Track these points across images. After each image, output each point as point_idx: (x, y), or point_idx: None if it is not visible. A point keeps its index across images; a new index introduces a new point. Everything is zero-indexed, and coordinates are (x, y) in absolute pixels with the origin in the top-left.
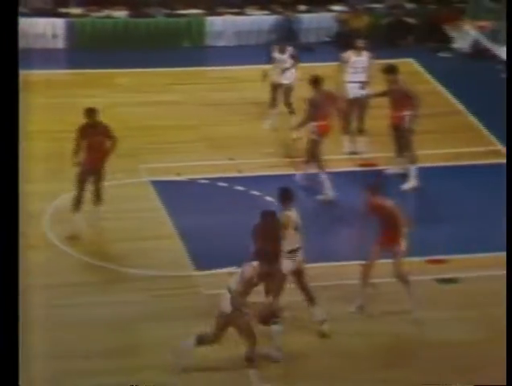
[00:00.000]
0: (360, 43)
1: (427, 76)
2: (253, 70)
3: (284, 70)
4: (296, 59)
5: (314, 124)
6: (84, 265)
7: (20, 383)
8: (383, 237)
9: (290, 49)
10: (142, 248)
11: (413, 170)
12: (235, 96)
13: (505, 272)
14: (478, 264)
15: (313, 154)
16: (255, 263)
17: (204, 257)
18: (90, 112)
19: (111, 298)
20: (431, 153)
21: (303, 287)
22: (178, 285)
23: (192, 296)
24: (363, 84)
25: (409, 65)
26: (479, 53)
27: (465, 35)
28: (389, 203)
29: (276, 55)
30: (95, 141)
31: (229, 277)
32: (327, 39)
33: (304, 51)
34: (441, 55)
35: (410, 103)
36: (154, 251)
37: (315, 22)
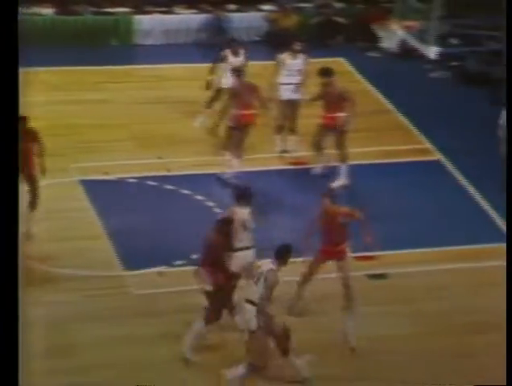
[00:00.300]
0: (296, 45)
1: (357, 76)
2: (182, 68)
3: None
4: (247, 60)
5: (234, 112)
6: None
7: None
8: (329, 248)
9: (243, 51)
10: (71, 249)
11: (343, 168)
12: (164, 94)
13: (432, 267)
14: (407, 259)
15: (232, 144)
16: (273, 265)
17: (134, 257)
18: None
19: (42, 298)
20: (361, 151)
21: None
22: (108, 285)
23: (121, 296)
24: (297, 87)
25: (339, 64)
26: (407, 53)
27: (393, 35)
28: (344, 209)
29: (230, 58)
30: (23, 148)
31: (159, 276)
32: (256, 39)
33: None
34: (370, 54)
35: (345, 104)
36: (84, 251)
37: (245, 21)
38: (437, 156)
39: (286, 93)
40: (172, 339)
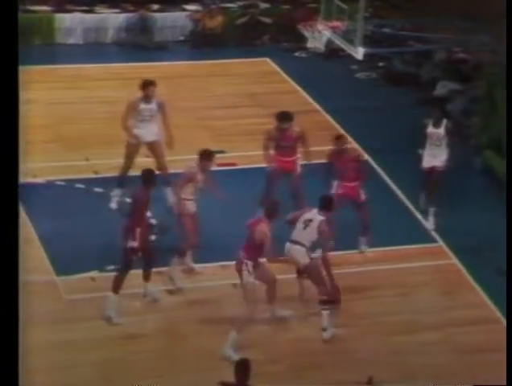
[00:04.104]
0: (150, 90)
1: (284, 76)
2: (104, 68)
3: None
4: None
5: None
6: None
7: None
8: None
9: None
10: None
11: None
12: (87, 94)
13: (359, 269)
14: (333, 261)
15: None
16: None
17: (66, 262)
18: None
19: None
20: None
21: None
22: (39, 290)
23: (53, 301)
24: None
25: (265, 65)
26: (333, 53)
27: (319, 35)
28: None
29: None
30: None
31: (91, 281)
32: (181, 38)
33: (158, 50)
34: (296, 54)
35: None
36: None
37: (169, 20)
38: (364, 156)
39: (146, 137)
40: (104, 344)
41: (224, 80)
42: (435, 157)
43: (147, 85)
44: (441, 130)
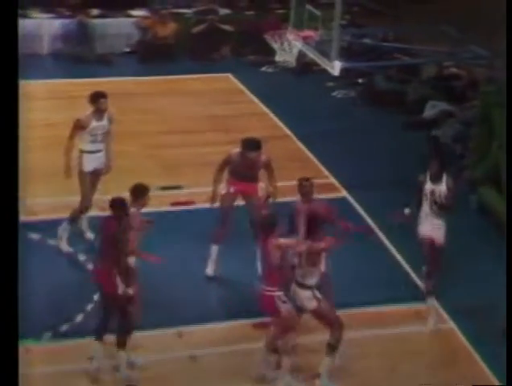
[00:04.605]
0: (102, 103)
1: (248, 95)
2: (39, 86)
3: None
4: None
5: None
6: None
7: None
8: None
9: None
10: None
11: None
12: (23, 116)
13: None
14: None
15: None
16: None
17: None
18: None
19: None
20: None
21: None
22: None
23: None
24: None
25: (226, 81)
26: (305, 68)
27: (289, 47)
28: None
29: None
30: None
31: (25, 353)
32: (127, 50)
33: (100, 63)
34: (263, 69)
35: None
36: None
37: (113, 28)
38: (343, 192)
39: (91, 164)
40: None
41: (178, 100)
42: (435, 225)
43: (98, 98)
44: (442, 186)
